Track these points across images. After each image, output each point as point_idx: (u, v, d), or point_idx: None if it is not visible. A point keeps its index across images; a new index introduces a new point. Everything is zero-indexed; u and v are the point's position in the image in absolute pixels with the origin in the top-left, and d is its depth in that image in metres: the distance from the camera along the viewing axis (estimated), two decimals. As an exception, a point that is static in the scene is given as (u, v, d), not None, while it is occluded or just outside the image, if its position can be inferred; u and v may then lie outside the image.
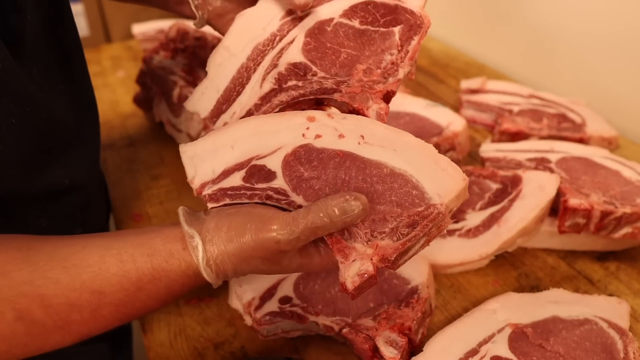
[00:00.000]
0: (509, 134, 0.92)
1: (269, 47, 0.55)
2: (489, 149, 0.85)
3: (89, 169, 0.68)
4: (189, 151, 0.52)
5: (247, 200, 0.50)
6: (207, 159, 0.51)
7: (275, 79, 0.54)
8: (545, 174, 0.74)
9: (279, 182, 0.49)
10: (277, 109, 0.53)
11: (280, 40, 0.55)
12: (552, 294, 0.64)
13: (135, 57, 1.35)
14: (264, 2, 0.56)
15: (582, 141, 0.90)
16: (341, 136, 0.49)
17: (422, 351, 0.57)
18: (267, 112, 0.53)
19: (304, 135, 0.49)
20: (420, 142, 0.48)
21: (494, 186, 0.77)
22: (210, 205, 0.51)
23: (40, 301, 0.43)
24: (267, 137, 0.50)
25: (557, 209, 0.71)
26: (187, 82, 0.93)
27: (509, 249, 0.72)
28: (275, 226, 0.46)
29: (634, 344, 0.57)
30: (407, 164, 0.47)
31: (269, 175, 0.50)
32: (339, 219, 0.45)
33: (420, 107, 0.96)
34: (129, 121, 1.08)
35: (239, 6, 0.59)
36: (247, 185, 0.50)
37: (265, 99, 0.54)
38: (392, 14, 0.54)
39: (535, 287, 0.69)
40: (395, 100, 0.98)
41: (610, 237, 0.70)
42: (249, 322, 0.63)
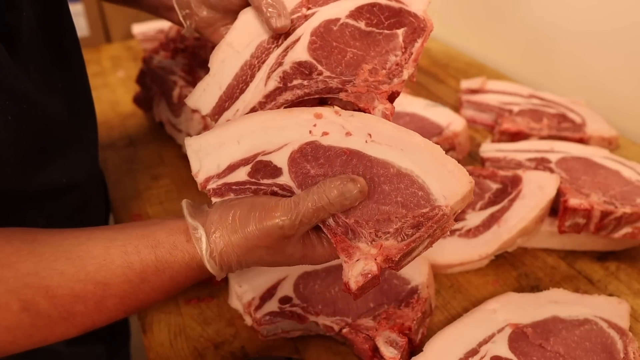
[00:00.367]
0: (509, 134, 0.92)
1: (273, 45, 0.55)
2: (489, 149, 0.85)
3: (86, 169, 0.68)
4: (194, 145, 0.52)
5: (251, 195, 0.50)
6: (212, 153, 0.51)
7: (280, 77, 0.53)
8: (545, 174, 0.74)
9: (285, 179, 0.49)
10: (281, 108, 0.53)
11: (285, 38, 0.55)
12: (552, 294, 0.64)
13: (135, 57, 1.35)
14: None
15: (582, 141, 0.90)
16: (348, 134, 0.49)
17: (422, 351, 0.57)
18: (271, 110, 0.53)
19: (310, 132, 0.49)
20: (427, 142, 0.48)
21: (494, 186, 0.77)
22: (214, 199, 0.51)
23: (45, 292, 0.43)
24: (273, 133, 0.50)
25: (557, 209, 0.71)
26: (187, 82, 0.93)
27: (509, 249, 0.72)
28: (278, 213, 0.46)
29: (634, 344, 0.57)
30: (414, 165, 0.47)
31: (275, 171, 0.49)
32: (336, 200, 0.45)
33: (420, 107, 0.96)
34: (129, 121, 1.08)
35: (225, 17, 0.59)
36: (253, 180, 0.50)
37: (270, 97, 0.53)
38: (396, 16, 0.55)
39: (535, 287, 0.69)
40: (397, 97, 0.98)
41: (610, 237, 0.70)
42: (249, 322, 0.63)
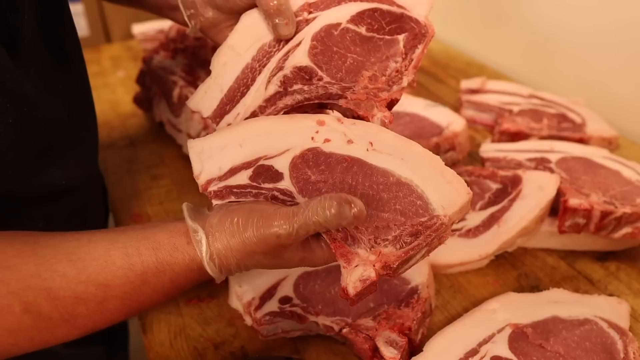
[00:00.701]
0: (509, 134, 0.92)
1: (275, 49, 0.55)
2: (489, 149, 0.85)
3: (86, 171, 0.68)
4: (196, 147, 0.52)
5: (252, 199, 0.51)
6: (215, 155, 0.51)
7: (280, 81, 0.54)
8: (545, 174, 0.74)
9: (286, 184, 0.49)
10: (281, 113, 0.53)
11: (287, 42, 0.55)
12: (552, 294, 0.64)
13: (135, 57, 1.35)
14: None
15: (582, 141, 0.90)
16: (350, 142, 0.49)
17: (422, 351, 0.57)
18: (271, 115, 0.53)
19: (313, 138, 0.50)
20: (428, 153, 0.48)
21: (494, 186, 0.77)
22: (215, 202, 0.51)
23: (47, 294, 0.44)
24: (276, 138, 0.50)
25: (557, 209, 0.71)
26: (187, 82, 0.93)
27: (509, 249, 0.72)
28: (276, 222, 0.46)
29: (634, 344, 0.57)
30: (414, 174, 0.47)
31: (276, 176, 0.50)
32: (333, 220, 0.45)
33: (420, 107, 0.96)
34: (129, 121, 1.08)
35: (230, 17, 0.59)
36: (254, 184, 0.50)
37: (270, 101, 0.54)
38: (397, 22, 0.55)
39: (535, 287, 0.69)
40: (396, 104, 0.98)
41: (610, 237, 0.70)
42: (249, 322, 0.63)
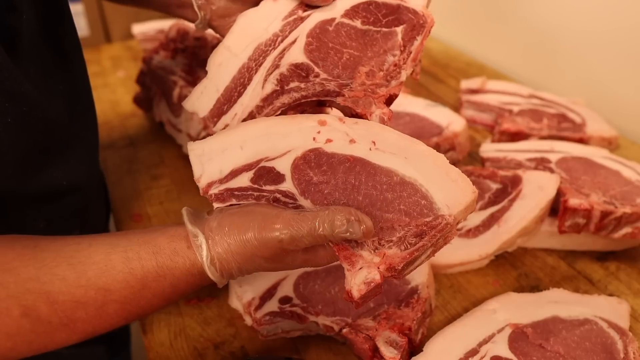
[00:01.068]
0: (509, 134, 0.92)
1: (270, 48, 0.54)
2: (489, 149, 0.85)
3: (87, 170, 0.68)
4: (197, 149, 0.51)
5: (253, 201, 0.50)
6: (215, 158, 0.51)
7: (277, 80, 0.53)
8: (545, 174, 0.74)
9: (288, 185, 0.49)
10: (279, 112, 0.53)
11: (282, 40, 0.54)
12: (552, 294, 0.64)
13: (135, 57, 1.35)
14: (266, 3, 0.56)
15: (582, 141, 0.90)
16: (352, 141, 0.48)
17: (422, 351, 0.57)
18: (269, 114, 0.53)
19: (314, 139, 0.49)
20: (432, 151, 0.47)
21: (494, 186, 0.77)
22: (216, 204, 0.51)
23: (46, 298, 0.43)
24: (277, 139, 0.50)
25: (557, 209, 0.71)
26: (187, 82, 0.93)
27: (509, 249, 0.72)
28: (278, 225, 0.45)
29: (634, 344, 0.57)
30: (418, 173, 0.47)
31: (278, 177, 0.49)
32: (340, 235, 0.45)
33: (420, 107, 0.96)
34: (129, 121, 1.08)
35: (242, 6, 0.58)
36: (255, 186, 0.50)
37: (267, 100, 0.53)
38: (395, 13, 0.54)
39: (535, 287, 0.69)
40: (395, 100, 0.98)
41: (610, 237, 0.70)
42: (249, 322, 0.63)
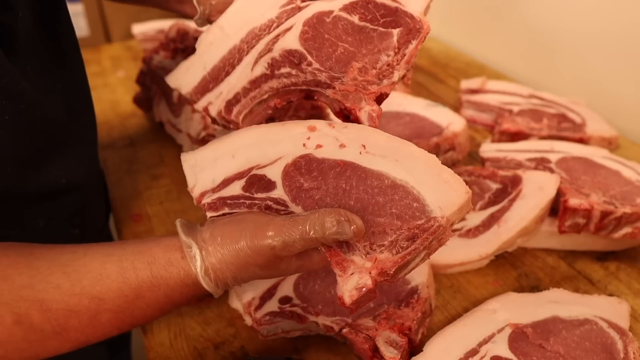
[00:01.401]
0: (509, 134, 0.92)
1: (265, 32, 0.54)
2: (489, 149, 0.85)
3: (86, 169, 0.68)
4: (189, 160, 0.52)
5: (246, 209, 0.50)
6: (208, 167, 0.51)
7: (268, 63, 0.53)
8: (545, 174, 0.74)
9: (279, 192, 0.49)
10: (266, 96, 0.52)
11: (277, 26, 0.54)
12: (552, 294, 0.64)
13: (135, 57, 1.35)
14: None
15: (582, 141, 0.90)
16: (342, 146, 0.48)
17: (422, 351, 0.57)
18: (255, 98, 0.52)
19: (304, 145, 0.49)
20: (423, 152, 0.47)
21: (494, 186, 0.77)
22: (209, 214, 0.51)
23: (39, 305, 0.43)
24: (267, 147, 0.50)
25: (557, 209, 0.71)
26: (187, 82, 0.93)
27: (509, 249, 0.72)
28: (270, 232, 0.45)
29: (634, 344, 0.57)
30: (409, 175, 0.46)
31: (269, 185, 0.49)
32: (331, 236, 0.44)
33: (420, 107, 0.96)
34: (129, 121, 1.08)
35: None
36: (247, 194, 0.50)
37: (255, 83, 0.53)
38: (392, 15, 0.54)
39: (535, 287, 0.69)
40: (395, 100, 0.98)
41: (610, 237, 0.70)
42: (249, 322, 0.63)
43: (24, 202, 0.59)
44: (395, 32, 0.54)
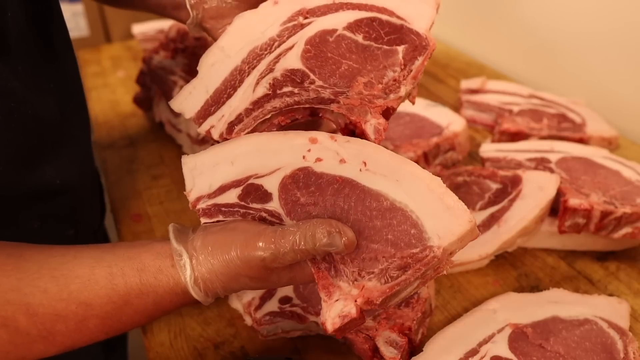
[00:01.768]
0: (509, 134, 0.92)
1: (266, 52, 0.53)
2: (489, 149, 0.85)
3: (80, 169, 0.67)
4: (189, 163, 0.51)
5: (239, 218, 0.49)
6: (206, 172, 0.50)
7: (269, 84, 0.51)
8: (545, 174, 0.74)
9: (274, 205, 0.48)
10: (269, 115, 0.51)
11: (279, 45, 0.53)
12: (552, 294, 0.64)
13: (135, 57, 1.35)
14: (265, 6, 0.55)
15: (582, 141, 0.90)
16: (342, 161, 0.46)
17: (422, 351, 0.57)
18: (258, 117, 0.51)
19: (304, 157, 0.47)
20: (426, 174, 0.44)
21: (494, 186, 0.77)
22: (203, 220, 0.50)
23: (26, 309, 0.43)
24: (267, 156, 0.48)
25: (557, 209, 0.71)
26: (187, 82, 0.92)
27: (509, 249, 0.72)
28: (261, 243, 0.44)
29: (634, 344, 0.57)
30: (409, 198, 0.44)
31: (265, 196, 0.48)
32: (322, 249, 0.43)
33: (420, 107, 0.96)
34: (129, 121, 1.08)
35: (236, 9, 0.58)
36: (242, 203, 0.48)
37: (257, 104, 0.51)
38: (397, 33, 0.53)
39: (535, 287, 0.69)
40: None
41: (610, 237, 0.70)
42: (249, 322, 0.63)
43: (19, 202, 0.59)
44: (400, 49, 0.52)
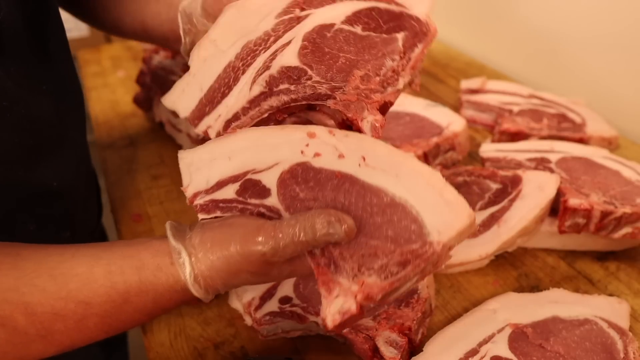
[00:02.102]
0: (509, 134, 0.92)
1: (261, 48, 0.51)
2: (489, 149, 0.85)
3: (77, 171, 0.67)
4: (186, 158, 0.50)
5: (238, 213, 0.48)
6: (203, 168, 0.49)
7: (266, 81, 0.50)
8: (545, 174, 0.74)
9: (273, 201, 0.47)
10: (266, 114, 0.50)
11: (275, 41, 0.51)
12: (552, 294, 0.64)
13: (135, 57, 1.35)
14: None
15: (582, 141, 0.90)
16: (341, 156, 0.46)
17: (422, 351, 0.57)
18: (254, 117, 0.50)
19: (302, 152, 0.47)
20: (425, 168, 0.44)
21: (494, 186, 0.77)
22: (200, 216, 0.49)
23: (24, 308, 0.42)
24: (265, 151, 0.47)
25: (557, 209, 0.71)
26: (187, 82, 0.93)
27: (509, 249, 0.72)
28: (260, 237, 0.44)
29: (634, 344, 0.57)
30: (409, 193, 0.43)
31: (263, 191, 0.47)
32: (322, 238, 0.43)
33: (420, 107, 0.96)
34: (129, 121, 1.08)
35: None
36: (240, 199, 0.48)
37: (254, 102, 0.50)
38: (396, 20, 0.51)
39: (535, 287, 0.69)
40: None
41: (610, 237, 0.70)
42: (249, 322, 0.63)
43: (15, 204, 0.58)
44: (400, 36, 0.51)
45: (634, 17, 0.94)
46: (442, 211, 0.42)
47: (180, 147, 0.97)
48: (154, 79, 1.00)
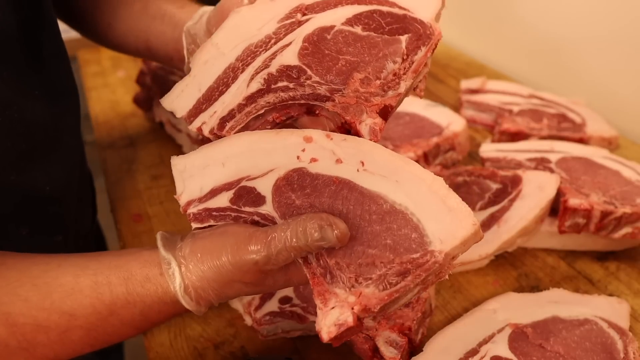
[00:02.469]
0: (509, 134, 0.92)
1: (261, 49, 0.51)
2: (489, 149, 0.85)
3: (70, 174, 0.66)
4: (179, 165, 0.49)
5: (231, 222, 0.47)
6: (196, 175, 0.48)
7: (264, 79, 0.49)
8: (545, 174, 0.74)
9: (268, 208, 0.45)
10: (262, 111, 0.49)
11: (275, 42, 0.51)
12: (552, 294, 0.64)
13: (135, 57, 1.35)
14: (262, 2, 0.53)
15: (582, 141, 0.90)
16: (339, 161, 0.44)
17: (422, 351, 0.57)
18: (250, 113, 0.49)
19: (298, 157, 0.45)
20: (427, 174, 0.42)
21: (494, 186, 0.77)
22: (194, 225, 0.48)
23: (5, 319, 0.41)
24: (260, 157, 0.46)
25: (557, 209, 0.71)
26: (187, 82, 0.93)
27: (509, 249, 0.72)
28: (252, 246, 0.43)
29: (634, 344, 0.57)
30: (409, 200, 0.42)
31: (258, 199, 0.46)
32: (314, 244, 0.41)
33: (420, 107, 0.96)
34: (129, 121, 1.08)
35: None
36: (234, 207, 0.46)
37: (250, 98, 0.49)
38: (400, 22, 0.50)
39: (535, 287, 0.69)
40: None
41: (610, 237, 0.70)
42: (249, 322, 0.63)
43: (8, 209, 0.58)
44: (403, 38, 0.49)
45: (634, 17, 0.94)
46: (444, 219, 0.41)
47: (180, 147, 0.97)
48: (154, 79, 1.00)
